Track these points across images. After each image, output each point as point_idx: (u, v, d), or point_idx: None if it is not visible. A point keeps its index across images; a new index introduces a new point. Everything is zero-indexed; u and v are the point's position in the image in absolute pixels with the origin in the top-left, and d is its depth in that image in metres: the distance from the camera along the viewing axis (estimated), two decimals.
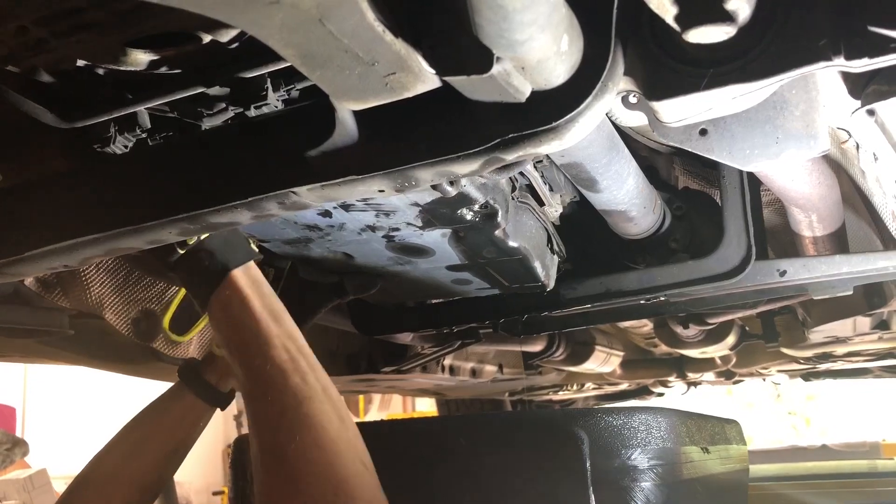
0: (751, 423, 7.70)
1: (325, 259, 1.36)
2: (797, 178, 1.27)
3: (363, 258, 1.35)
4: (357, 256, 1.35)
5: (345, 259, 1.35)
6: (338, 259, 1.35)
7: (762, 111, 0.89)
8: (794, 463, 4.13)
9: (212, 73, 0.83)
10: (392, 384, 3.08)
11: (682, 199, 1.54)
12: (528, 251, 1.27)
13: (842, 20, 0.70)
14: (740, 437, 1.97)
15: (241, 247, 1.11)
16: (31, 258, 0.94)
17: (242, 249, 1.11)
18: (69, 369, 2.56)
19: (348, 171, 0.79)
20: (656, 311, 1.89)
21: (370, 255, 1.33)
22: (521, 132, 0.72)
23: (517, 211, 1.25)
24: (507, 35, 0.61)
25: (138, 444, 1.33)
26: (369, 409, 7.97)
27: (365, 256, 1.34)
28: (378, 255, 1.33)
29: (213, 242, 1.09)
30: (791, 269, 1.44)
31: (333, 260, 1.36)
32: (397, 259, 1.35)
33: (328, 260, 1.36)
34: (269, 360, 1.01)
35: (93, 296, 1.58)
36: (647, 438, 1.29)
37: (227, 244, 1.10)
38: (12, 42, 0.76)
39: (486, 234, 1.20)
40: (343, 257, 1.35)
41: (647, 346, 3.24)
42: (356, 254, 1.33)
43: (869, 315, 2.12)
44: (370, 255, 1.33)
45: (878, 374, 3.69)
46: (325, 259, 1.36)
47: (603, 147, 1.13)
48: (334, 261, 1.36)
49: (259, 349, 1.02)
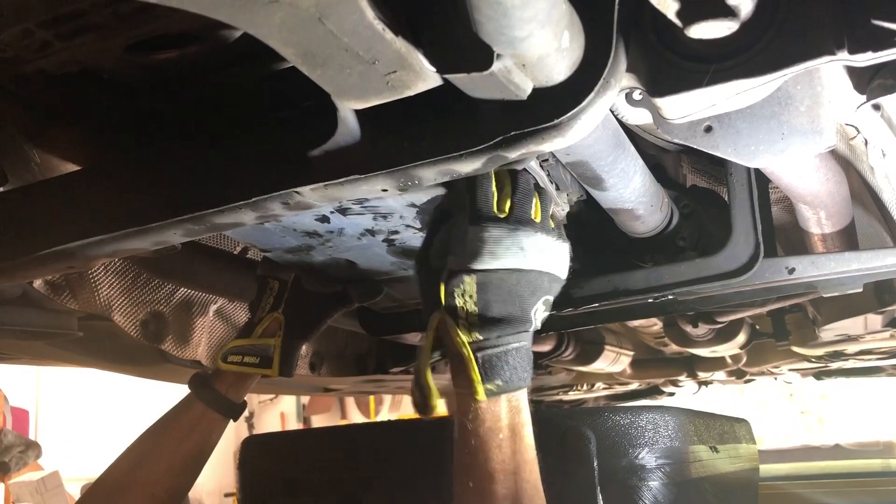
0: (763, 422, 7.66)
1: (328, 267, 1.35)
2: (805, 174, 1.26)
3: (366, 264, 1.34)
4: (360, 262, 1.34)
5: (348, 266, 1.35)
6: (341, 266, 1.35)
7: (767, 107, 0.89)
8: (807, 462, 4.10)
9: (215, 74, 0.83)
10: (401, 385, 3.08)
11: (689, 197, 1.53)
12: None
13: (845, 14, 0.70)
14: (750, 436, 1.96)
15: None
16: (37, 260, 0.94)
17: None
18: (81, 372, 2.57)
19: (351, 171, 0.79)
20: (665, 310, 1.88)
21: (373, 261, 1.33)
22: (523, 130, 0.72)
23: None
24: (507, 32, 0.61)
25: (148, 453, 1.33)
26: (380, 409, 7.97)
27: (367, 262, 1.33)
28: (380, 261, 1.32)
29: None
30: (800, 266, 1.42)
31: (336, 267, 1.35)
32: (400, 264, 1.34)
33: (331, 268, 1.36)
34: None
35: (101, 298, 1.59)
36: (654, 437, 1.29)
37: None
38: (18, 45, 0.77)
39: None
40: (346, 264, 1.34)
41: (657, 346, 3.22)
42: (358, 260, 1.33)
43: (880, 312, 2.10)
44: (372, 260, 1.32)
45: (890, 372, 3.67)
46: (328, 267, 1.35)
47: (608, 145, 1.13)
48: (337, 268, 1.36)
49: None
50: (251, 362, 1.36)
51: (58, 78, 0.83)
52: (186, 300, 1.83)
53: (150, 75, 0.85)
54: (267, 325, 1.39)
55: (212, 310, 1.92)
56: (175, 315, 1.81)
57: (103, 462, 1.35)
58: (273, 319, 1.40)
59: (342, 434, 1.81)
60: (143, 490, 1.29)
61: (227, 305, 1.96)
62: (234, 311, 1.99)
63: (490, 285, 0.92)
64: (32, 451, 4.35)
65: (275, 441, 1.94)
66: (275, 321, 1.40)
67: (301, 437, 2.19)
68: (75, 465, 5.27)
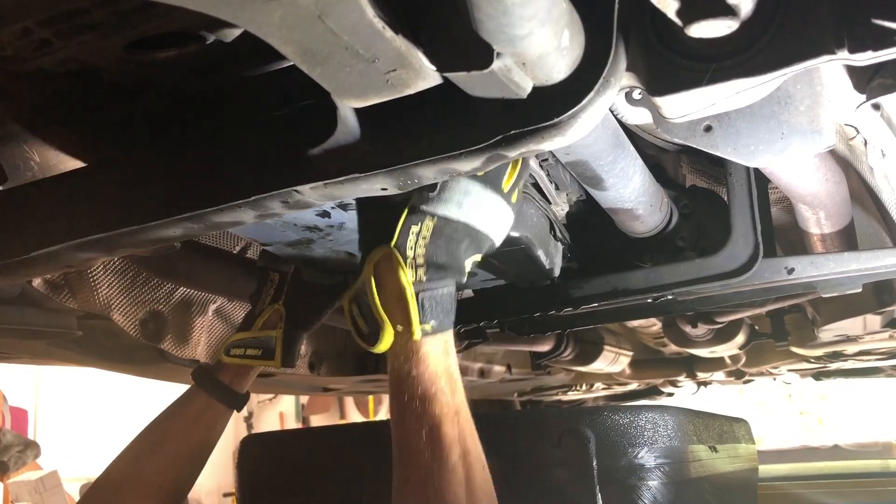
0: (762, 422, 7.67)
1: (328, 259, 1.36)
2: (804, 174, 1.27)
3: None
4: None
5: (347, 258, 1.36)
6: (340, 258, 1.35)
7: (767, 106, 0.89)
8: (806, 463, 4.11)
9: (214, 73, 0.83)
10: None
11: (689, 197, 1.53)
12: (530, 240, 1.26)
13: (845, 13, 0.70)
14: (749, 436, 1.96)
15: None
16: (36, 258, 0.94)
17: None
18: (80, 371, 2.57)
19: (351, 169, 0.79)
20: (664, 310, 1.88)
21: None
22: (523, 129, 0.72)
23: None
24: (507, 30, 0.61)
25: (152, 446, 1.33)
26: (379, 409, 7.97)
27: None
28: None
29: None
30: (799, 266, 1.43)
31: (336, 260, 1.36)
32: None
33: (331, 260, 1.36)
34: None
35: (100, 297, 1.59)
36: (654, 437, 1.29)
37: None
38: (17, 43, 0.77)
39: None
40: (346, 256, 1.35)
41: (657, 346, 3.23)
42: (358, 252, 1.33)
43: (879, 313, 2.09)
44: None
45: (889, 373, 3.67)
46: (328, 259, 1.36)
47: (608, 144, 1.13)
48: (337, 260, 1.36)
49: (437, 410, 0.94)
50: (253, 354, 1.37)
51: (57, 77, 0.83)
52: (186, 299, 1.83)
53: (149, 74, 0.85)
54: (268, 316, 1.40)
55: (211, 309, 1.92)
56: (174, 314, 1.81)
57: (102, 462, 1.35)
58: (274, 311, 1.40)
59: (341, 433, 1.81)
60: (150, 481, 1.29)
61: (226, 305, 1.96)
62: (234, 310, 1.99)
63: (443, 232, 0.95)
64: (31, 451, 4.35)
65: (274, 441, 1.94)
66: (275, 313, 1.40)
67: (300, 436, 2.19)
68: (74, 465, 5.27)
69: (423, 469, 0.91)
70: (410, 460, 0.92)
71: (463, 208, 0.95)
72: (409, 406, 0.93)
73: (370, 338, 0.96)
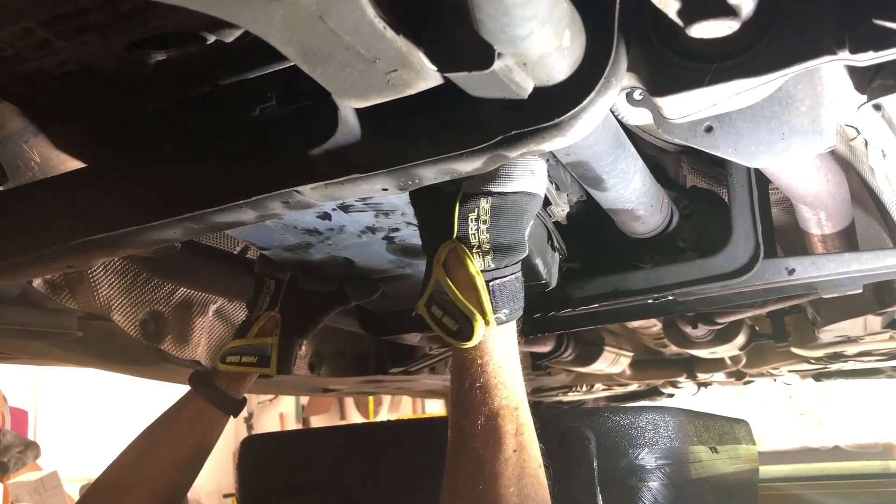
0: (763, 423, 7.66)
1: (326, 265, 1.36)
2: (805, 175, 1.26)
3: (364, 262, 1.35)
4: (358, 261, 1.34)
5: (345, 264, 1.35)
6: (338, 265, 1.35)
7: (767, 107, 0.88)
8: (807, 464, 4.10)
9: (215, 74, 0.83)
10: (401, 385, 3.08)
11: (689, 198, 1.53)
12: (529, 248, 1.26)
13: (846, 14, 0.70)
14: (750, 437, 1.96)
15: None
16: (36, 259, 0.94)
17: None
18: (80, 372, 2.57)
19: (351, 170, 0.79)
20: (664, 311, 1.88)
21: (370, 259, 1.33)
22: (524, 129, 0.72)
23: None
24: (508, 30, 0.61)
25: (150, 450, 1.33)
26: (379, 410, 7.97)
27: (365, 260, 1.34)
28: (378, 258, 1.33)
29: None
30: (800, 267, 1.42)
31: (334, 266, 1.36)
32: (398, 262, 1.35)
33: (328, 266, 1.36)
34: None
35: (101, 297, 1.59)
36: (654, 438, 1.29)
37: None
38: (17, 43, 0.77)
39: None
40: (343, 262, 1.34)
41: (657, 347, 3.22)
42: (357, 258, 1.33)
43: (880, 314, 2.09)
44: (370, 258, 1.33)
45: (890, 374, 3.67)
46: (326, 265, 1.36)
47: (609, 145, 1.13)
48: (335, 267, 1.36)
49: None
50: (249, 361, 1.37)
51: (58, 77, 0.83)
52: (186, 300, 1.83)
53: (150, 74, 0.85)
54: (263, 323, 1.40)
55: (211, 310, 1.92)
56: (174, 315, 1.80)
57: (102, 462, 1.35)
58: (269, 318, 1.40)
59: (341, 434, 1.81)
60: (146, 486, 1.29)
61: (226, 305, 1.96)
62: (234, 310, 1.99)
63: (503, 209, 0.94)
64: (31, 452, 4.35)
65: (274, 441, 1.94)
66: (271, 320, 1.40)
67: (300, 437, 2.19)
68: (74, 466, 5.27)
69: (475, 458, 0.90)
70: (465, 447, 0.92)
71: (514, 179, 0.95)
72: (468, 394, 0.93)
73: (461, 333, 0.94)
